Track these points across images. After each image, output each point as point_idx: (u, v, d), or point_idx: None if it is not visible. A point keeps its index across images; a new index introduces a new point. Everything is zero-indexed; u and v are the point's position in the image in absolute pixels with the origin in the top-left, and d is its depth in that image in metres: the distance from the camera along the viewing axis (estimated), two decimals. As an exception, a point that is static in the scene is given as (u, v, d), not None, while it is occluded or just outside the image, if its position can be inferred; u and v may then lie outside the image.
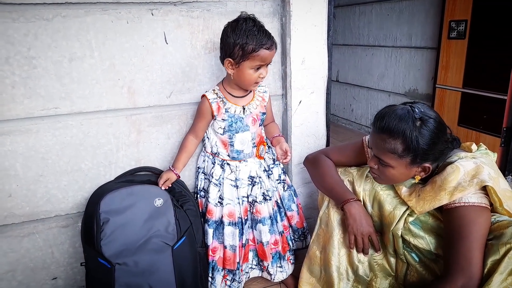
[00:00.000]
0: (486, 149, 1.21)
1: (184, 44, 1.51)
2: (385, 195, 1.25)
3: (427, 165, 1.10)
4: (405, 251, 1.23)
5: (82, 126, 1.45)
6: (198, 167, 1.57)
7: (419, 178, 1.15)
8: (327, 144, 1.83)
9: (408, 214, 1.19)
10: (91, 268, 1.32)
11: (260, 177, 1.51)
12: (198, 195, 1.56)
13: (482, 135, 2.59)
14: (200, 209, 1.54)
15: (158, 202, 1.36)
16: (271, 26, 1.61)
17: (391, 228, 1.21)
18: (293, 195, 1.63)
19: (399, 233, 1.20)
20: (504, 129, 2.42)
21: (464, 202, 1.03)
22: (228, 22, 1.33)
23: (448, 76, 2.84)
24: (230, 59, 1.32)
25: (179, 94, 1.56)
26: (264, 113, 1.51)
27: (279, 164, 1.60)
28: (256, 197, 1.48)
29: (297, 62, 1.63)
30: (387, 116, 1.09)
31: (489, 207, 1.06)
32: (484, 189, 1.05)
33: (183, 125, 1.60)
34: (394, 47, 3.52)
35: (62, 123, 1.42)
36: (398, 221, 1.19)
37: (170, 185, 1.45)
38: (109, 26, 1.38)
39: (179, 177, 1.49)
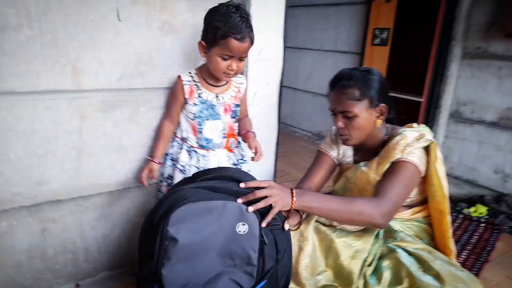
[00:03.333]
0: (426, 126, 1.36)
1: (138, 23, 1.38)
2: (341, 242, 1.23)
3: (383, 105, 1.25)
4: None
5: (13, 109, 1.23)
6: (166, 154, 1.46)
7: (380, 122, 1.28)
8: (278, 138, 1.84)
9: (366, 266, 1.18)
10: None
11: None
12: (166, 183, 1.46)
13: (401, 133, 2.87)
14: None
15: (242, 228, 1.00)
16: (229, 13, 1.56)
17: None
18: None
19: None
20: (420, 128, 2.71)
21: (409, 160, 1.20)
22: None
23: (371, 79, 3.09)
24: (203, 41, 1.26)
25: (130, 78, 1.42)
26: (238, 105, 1.45)
27: (248, 162, 1.54)
28: None
29: (254, 53, 1.61)
30: (339, 75, 1.27)
31: (423, 175, 1.23)
32: (426, 154, 1.23)
33: (134, 112, 1.45)
34: (320, 51, 3.72)
35: (-12, 103, 1.19)
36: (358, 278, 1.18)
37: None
38: (53, -6, 1.20)
39: (162, 164, 1.42)
